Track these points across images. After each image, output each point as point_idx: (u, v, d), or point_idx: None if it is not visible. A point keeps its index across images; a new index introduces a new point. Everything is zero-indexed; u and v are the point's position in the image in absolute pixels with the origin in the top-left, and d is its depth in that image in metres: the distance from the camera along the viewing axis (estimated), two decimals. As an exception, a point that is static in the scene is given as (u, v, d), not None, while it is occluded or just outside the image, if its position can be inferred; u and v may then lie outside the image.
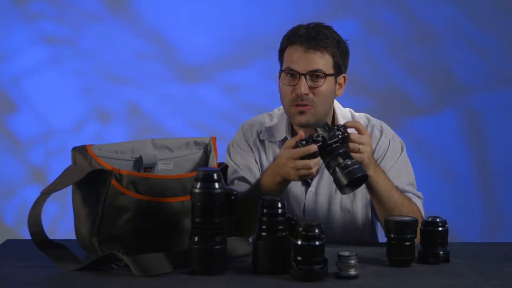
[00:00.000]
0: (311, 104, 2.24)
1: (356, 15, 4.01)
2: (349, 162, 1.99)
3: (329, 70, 2.26)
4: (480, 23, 4.04)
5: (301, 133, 2.08)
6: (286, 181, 2.13)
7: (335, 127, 2.05)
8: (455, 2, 4.04)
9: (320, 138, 2.03)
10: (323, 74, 2.24)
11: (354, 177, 1.97)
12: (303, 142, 2.04)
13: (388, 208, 2.16)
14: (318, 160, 2.05)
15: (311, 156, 2.03)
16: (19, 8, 4.01)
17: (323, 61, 2.24)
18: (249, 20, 4.01)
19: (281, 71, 2.30)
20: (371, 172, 2.11)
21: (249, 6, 4.02)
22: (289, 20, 2.35)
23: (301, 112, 2.25)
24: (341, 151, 2.01)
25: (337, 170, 1.99)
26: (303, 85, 2.22)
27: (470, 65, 4.04)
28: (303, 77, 2.23)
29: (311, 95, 2.24)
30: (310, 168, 2.04)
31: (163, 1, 4.02)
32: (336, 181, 2.00)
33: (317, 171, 2.29)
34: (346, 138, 2.06)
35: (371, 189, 2.17)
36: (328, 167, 2.02)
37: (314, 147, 2.02)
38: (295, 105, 2.25)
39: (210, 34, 4.02)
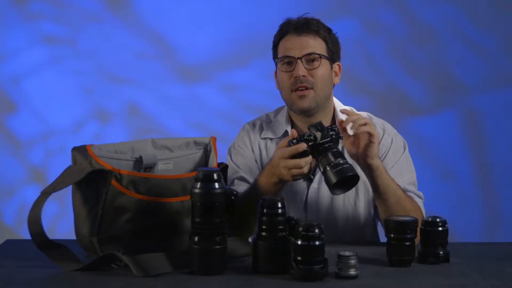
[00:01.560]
0: (311, 86, 2.26)
1: (356, 15, 4.01)
2: (340, 161, 1.98)
3: (323, 53, 2.30)
4: (480, 23, 4.04)
5: (293, 132, 2.09)
6: (281, 182, 2.12)
7: (329, 128, 2.05)
8: (455, 2, 4.04)
9: (311, 137, 2.03)
10: (318, 56, 2.28)
11: (344, 175, 1.96)
12: (294, 141, 2.05)
13: (391, 203, 2.15)
14: (309, 159, 2.04)
15: (302, 154, 2.03)
16: (19, 8, 4.01)
17: (316, 44, 2.29)
18: (249, 20, 4.02)
19: (276, 61, 2.33)
20: (378, 161, 2.11)
21: (249, 6, 4.02)
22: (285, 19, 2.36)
23: (302, 97, 2.27)
24: (333, 150, 2.01)
25: (328, 168, 1.98)
26: (300, 68, 2.26)
27: (470, 65, 4.04)
28: (299, 61, 2.27)
29: (309, 77, 2.27)
30: (301, 167, 2.04)
31: (163, 1, 4.02)
32: (326, 180, 1.99)
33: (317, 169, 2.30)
34: (339, 139, 2.06)
35: (378, 179, 2.15)
36: (319, 166, 2.02)
37: (303, 146, 2.02)
38: (295, 90, 2.27)
39: (210, 34, 4.02)
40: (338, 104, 2.40)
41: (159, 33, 4.05)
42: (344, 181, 1.98)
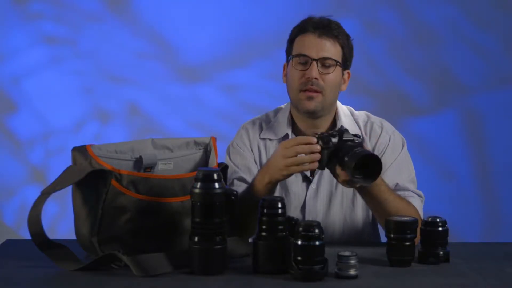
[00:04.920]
0: (320, 90, 2.25)
1: (356, 15, 4.01)
2: (359, 149, 1.96)
3: (339, 59, 2.29)
4: (480, 23, 4.04)
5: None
6: (271, 182, 2.12)
7: (352, 134, 2.05)
8: (455, 2, 4.04)
9: (334, 133, 2.03)
10: (334, 62, 2.26)
11: (362, 154, 1.94)
12: (316, 135, 2.04)
13: (384, 214, 2.15)
14: (316, 148, 2.02)
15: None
16: (19, 8, 4.02)
17: (334, 50, 2.28)
18: (249, 20, 4.02)
19: (290, 58, 2.30)
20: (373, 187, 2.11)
21: (249, 6, 4.02)
22: (289, 20, 2.36)
23: (310, 98, 2.26)
24: (354, 144, 2.00)
25: (346, 159, 1.96)
26: (314, 70, 2.24)
27: (470, 65, 4.05)
28: (314, 63, 2.25)
29: (321, 81, 2.25)
30: (297, 153, 2.02)
31: (163, 1, 4.02)
32: (347, 167, 1.95)
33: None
34: (362, 144, 2.05)
35: (364, 196, 2.17)
36: (340, 159, 1.99)
37: (313, 139, 2.02)
38: (304, 90, 2.26)
39: (210, 34, 4.02)
40: (339, 104, 2.40)
41: (159, 33, 4.05)
42: (366, 167, 1.95)
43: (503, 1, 4.05)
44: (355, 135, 2.05)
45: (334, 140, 2.03)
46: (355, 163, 1.94)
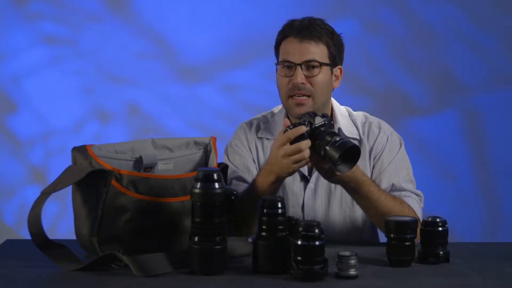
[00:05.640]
0: (309, 94, 2.26)
1: (356, 15, 4.01)
2: (337, 138, 1.98)
3: (324, 59, 2.28)
4: (480, 23, 4.04)
5: (286, 121, 2.09)
6: (278, 181, 2.12)
7: (319, 115, 2.06)
8: (455, 2, 4.04)
9: (306, 123, 2.04)
10: (318, 63, 2.26)
11: (345, 147, 1.95)
12: (291, 127, 2.05)
13: (376, 214, 2.16)
14: (309, 142, 2.03)
15: (300, 139, 2.03)
16: (19, 8, 4.02)
17: (317, 51, 2.27)
18: (249, 20, 4.02)
19: (277, 64, 2.32)
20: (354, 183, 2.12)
21: (249, 6, 4.02)
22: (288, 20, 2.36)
23: (299, 104, 2.26)
24: (329, 131, 2.02)
25: (328, 148, 1.98)
26: (299, 75, 2.25)
27: (470, 65, 4.05)
28: (298, 67, 2.25)
29: (308, 85, 2.26)
30: (301, 150, 2.03)
31: (163, 1, 4.02)
32: (329, 158, 1.98)
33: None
34: (331, 123, 2.06)
35: (355, 197, 2.18)
36: (319, 149, 2.01)
37: (302, 128, 2.02)
38: (292, 96, 2.26)
39: (210, 34, 4.02)
40: (336, 104, 2.40)
41: (159, 33, 4.05)
42: (347, 156, 1.97)
43: (503, 1, 4.05)
44: (324, 116, 2.05)
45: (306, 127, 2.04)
46: (339, 155, 1.96)
